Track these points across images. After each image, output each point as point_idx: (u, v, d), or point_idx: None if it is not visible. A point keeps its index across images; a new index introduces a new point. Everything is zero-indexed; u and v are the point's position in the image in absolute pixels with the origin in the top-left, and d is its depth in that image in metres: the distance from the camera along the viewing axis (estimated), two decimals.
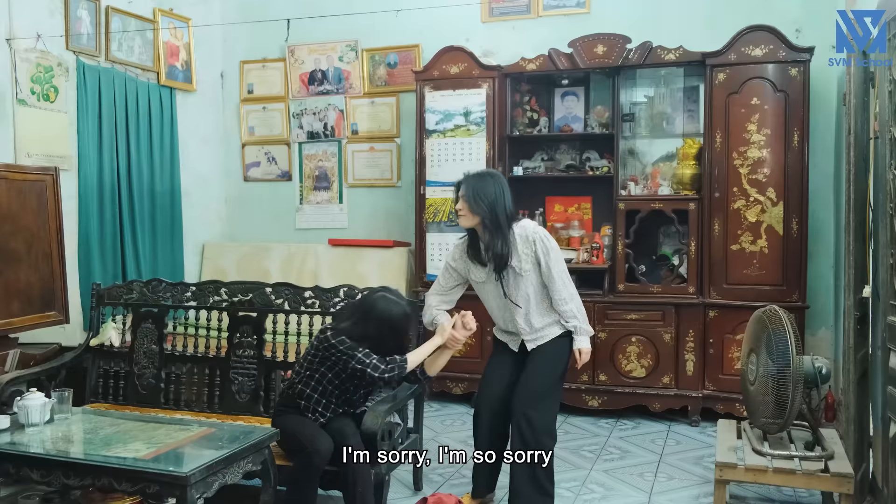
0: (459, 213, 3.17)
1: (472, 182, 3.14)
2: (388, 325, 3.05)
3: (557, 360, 3.20)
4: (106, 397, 3.81)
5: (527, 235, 3.12)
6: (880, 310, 2.92)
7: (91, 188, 4.84)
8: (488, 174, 3.23)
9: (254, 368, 3.59)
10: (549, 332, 3.19)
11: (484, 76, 4.96)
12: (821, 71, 4.50)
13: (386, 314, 3.05)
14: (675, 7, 5.00)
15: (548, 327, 3.18)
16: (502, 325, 3.29)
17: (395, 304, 3.09)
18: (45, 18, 4.57)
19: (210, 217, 6.05)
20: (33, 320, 3.97)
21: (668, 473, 3.82)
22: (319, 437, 2.94)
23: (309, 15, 5.55)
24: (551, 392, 3.19)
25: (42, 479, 2.65)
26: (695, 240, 4.56)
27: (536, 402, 3.12)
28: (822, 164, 4.65)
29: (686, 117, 4.98)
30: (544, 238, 3.14)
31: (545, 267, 3.10)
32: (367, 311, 3.07)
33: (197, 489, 2.46)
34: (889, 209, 2.80)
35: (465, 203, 3.12)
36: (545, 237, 3.15)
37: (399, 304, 3.10)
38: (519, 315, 3.17)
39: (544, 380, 3.16)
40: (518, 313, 3.17)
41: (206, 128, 5.97)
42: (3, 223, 3.82)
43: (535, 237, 3.12)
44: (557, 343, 3.19)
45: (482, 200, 3.08)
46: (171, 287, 3.86)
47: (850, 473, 2.94)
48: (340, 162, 5.87)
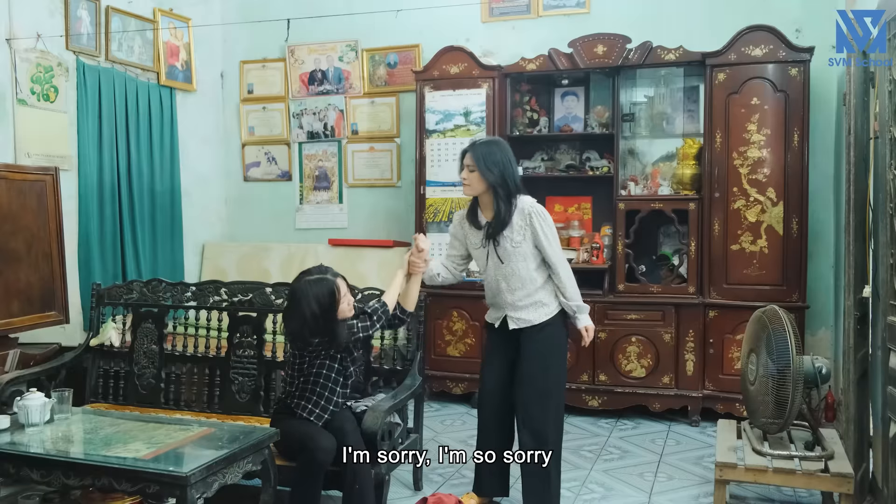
0: (465, 182, 3.16)
1: (481, 149, 3.13)
2: (319, 305, 3.02)
3: (552, 353, 3.18)
4: (106, 397, 3.81)
5: (523, 208, 3.13)
6: (880, 310, 2.92)
7: (91, 188, 4.84)
8: (494, 142, 3.24)
9: (254, 368, 3.59)
10: (534, 315, 3.16)
11: (484, 76, 4.96)
12: (821, 71, 4.50)
13: (314, 297, 3.02)
14: (675, 7, 5.00)
15: (532, 308, 3.16)
16: (490, 297, 3.29)
17: (317, 282, 3.05)
18: (45, 18, 4.57)
19: (210, 217, 6.05)
20: (33, 320, 3.97)
21: (668, 473, 3.82)
22: (321, 436, 2.95)
23: (309, 15, 5.55)
24: (552, 390, 3.18)
25: (42, 479, 2.65)
26: (695, 240, 4.56)
27: (538, 402, 3.13)
28: (822, 164, 4.65)
29: (686, 117, 4.97)
30: (541, 213, 3.14)
31: (543, 239, 3.10)
32: (298, 302, 3.05)
33: (197, 489, 2.46)
34: (889, 209, 2.80)
35: (474, 171, 3.11)
36: (542, 213, 3.15)
37: (321, 280, 3.06)
38: (505, 288, 3.17)
39: (544, 377, 3.15)
40: (504, 284, 3.17)
41: (206, 128, 5.97)
42: (3, 223, 3.82)
43: (531, 210, 3.13)
44: (546, 331, 3.16)
45: (494, 167, 3.09)
46: (171, 287, 3.86)
47: (850, 473, 2.94)
48: (340, 162, 5.87)
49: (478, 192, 3.16)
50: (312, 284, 3.04)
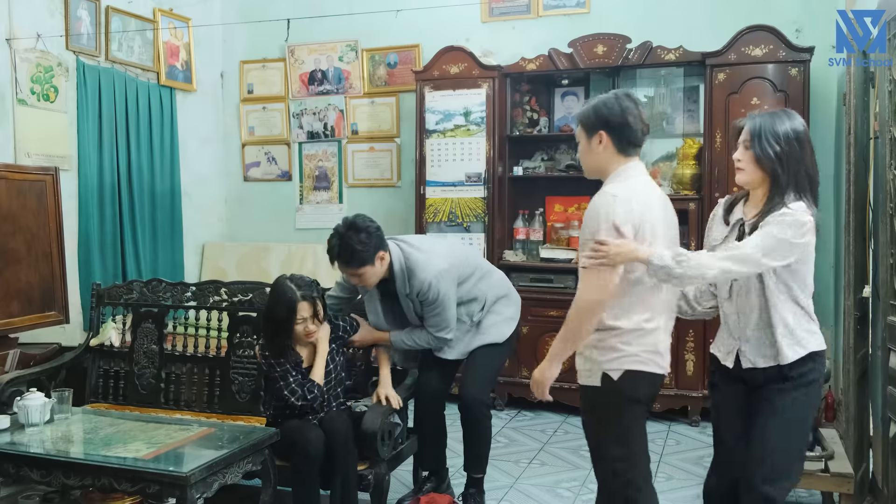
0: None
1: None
2: (269, 311, 3.06)
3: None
4: (106, 397, 3.81)
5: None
6: (880, 310, 2.92)
7: (91, 188, 4.84)
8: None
9: (254, 368, 3.59)
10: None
11: (484, 76, 4.96)
12: (821, 71, 4.49)
13: (271, 301, 3.06)
14: (675, 7, 5.00)
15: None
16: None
17: (284, 292, 3.01)
18: (45, 18, 4.57)
19: (210, 217, 6.05)
20: (33, 320, 3.96)
21: (668, 473, 3.82)
22: (308, 429, 2.94)
23: (309, 15, 5.55)
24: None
25: (42, 479, 2.65)
26: (695, 240, 4.56)
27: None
28: (822, 164, 4.58)
29: (686, 117, 4.97)
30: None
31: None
32: (267, 302, 3.10)
33: (197, 489, 2.46)
34: (889, 209, 2.80)
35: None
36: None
37: (286, 290, 3.01)
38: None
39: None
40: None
41: (206, 128, 5.97)
42: (3, 223, 3.82)
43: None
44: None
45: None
46: (171, 287, 3.85)
47: (850, 473, 2.94)
48: (340, 162, 5.87)
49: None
50: (278, 287, 3.04)
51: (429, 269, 3.06)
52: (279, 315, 2.99)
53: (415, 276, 3.06)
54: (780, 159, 2.25)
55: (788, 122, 2.28)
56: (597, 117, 2.35)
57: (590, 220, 2.28)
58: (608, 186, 2.34)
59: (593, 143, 2.38)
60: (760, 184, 2.32)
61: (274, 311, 3.02)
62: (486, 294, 3.29)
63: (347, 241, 2.99)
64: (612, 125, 2.33)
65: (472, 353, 3.30)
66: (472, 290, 3.25)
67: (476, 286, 3.27)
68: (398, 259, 3.09)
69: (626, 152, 2.37)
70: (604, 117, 2.34)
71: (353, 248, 2.98)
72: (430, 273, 3.06)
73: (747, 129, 2.33)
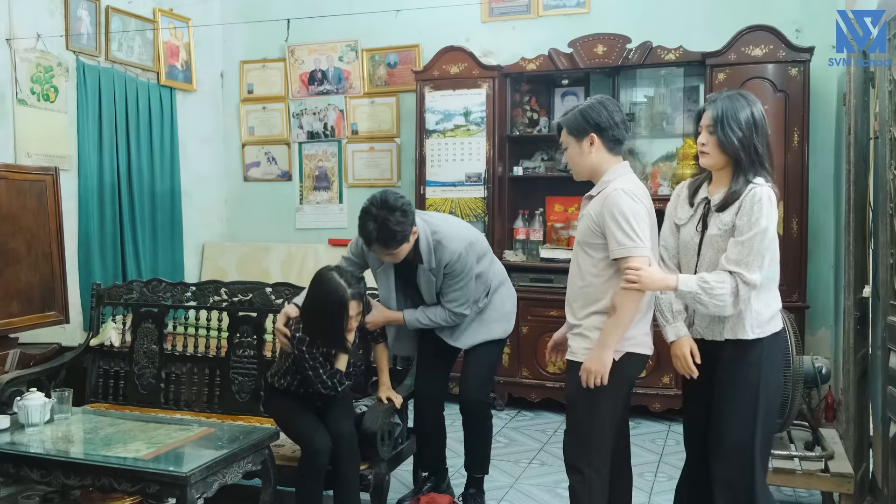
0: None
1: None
2: (322, 311, 2.89)
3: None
4: (106, 397, 3.81)
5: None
6: (880, 310, 2.92)
7: (91, 188, 4.84)
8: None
9: (254, 368, 3.59)
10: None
11: (484, 76, 4.96)
12: (821, 71, 4.49)
13: (324, 296, 2.88)
14: (675, 7, 5.00)
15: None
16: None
17: (335, 288, 2.85)
18: (45, 18, 4.57)
19: (210, 217, 6.05)
20: (33, 320, 3.97)
21: (668, 473, 3.82)
22: (317, 436, 2.92)
23: (309, 15, 5.55)
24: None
25: (42, 479, 2.65)
26: None
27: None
28: (822, 164, 4.65)
29: (686, 117, 4.97)
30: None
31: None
32: (312, 288, 2.94)
33: (197, 489, 2.46)
34: (889, 209, 2.80)
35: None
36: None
37: (338, 289, 2.85)
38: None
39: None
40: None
41: (206, 128, 5.97)
42: (3, 223, 3.82)
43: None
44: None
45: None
46: (171, 287, 3.85)
47: (850, 473, 2.94)
48: (340, 162, 5.87)
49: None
50: (328, 282, 2.88)
51: (459, 241, 3.06)
52: (330, 310, 2.85)
53: (444, 249, 3.04)
54: (743, 144, 2.38)
55: (749, 108, 2.40)
56: (586, 121, 2.53)
57: (609, 215, 2.44)
58: (618, 183, 2.49)
59: (584, 146, 2.55)
60: (724, 166, 2.46)
61: (325, 306, 2.86)
62: (491, 279, 3.29)
63: (385, 223, 2.87)
64: (601, 127, 2.51)
65: (468, 353, 3.30)
66: (486, 271, 3.24)
67: (489, 268, 3.27)
68: (424, 233, 3.06)
69: (615, 151, 2.56)
70: (593, 120, 2.51)
71: (392, 231, 2.88)
72: (462, 244, 3.05)
73: (709, 115, 2.43)
